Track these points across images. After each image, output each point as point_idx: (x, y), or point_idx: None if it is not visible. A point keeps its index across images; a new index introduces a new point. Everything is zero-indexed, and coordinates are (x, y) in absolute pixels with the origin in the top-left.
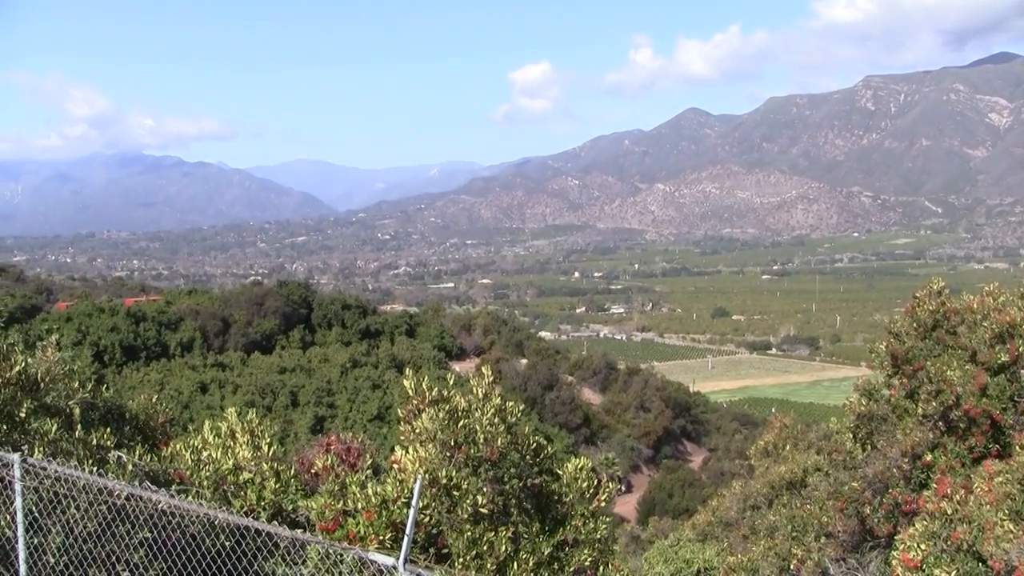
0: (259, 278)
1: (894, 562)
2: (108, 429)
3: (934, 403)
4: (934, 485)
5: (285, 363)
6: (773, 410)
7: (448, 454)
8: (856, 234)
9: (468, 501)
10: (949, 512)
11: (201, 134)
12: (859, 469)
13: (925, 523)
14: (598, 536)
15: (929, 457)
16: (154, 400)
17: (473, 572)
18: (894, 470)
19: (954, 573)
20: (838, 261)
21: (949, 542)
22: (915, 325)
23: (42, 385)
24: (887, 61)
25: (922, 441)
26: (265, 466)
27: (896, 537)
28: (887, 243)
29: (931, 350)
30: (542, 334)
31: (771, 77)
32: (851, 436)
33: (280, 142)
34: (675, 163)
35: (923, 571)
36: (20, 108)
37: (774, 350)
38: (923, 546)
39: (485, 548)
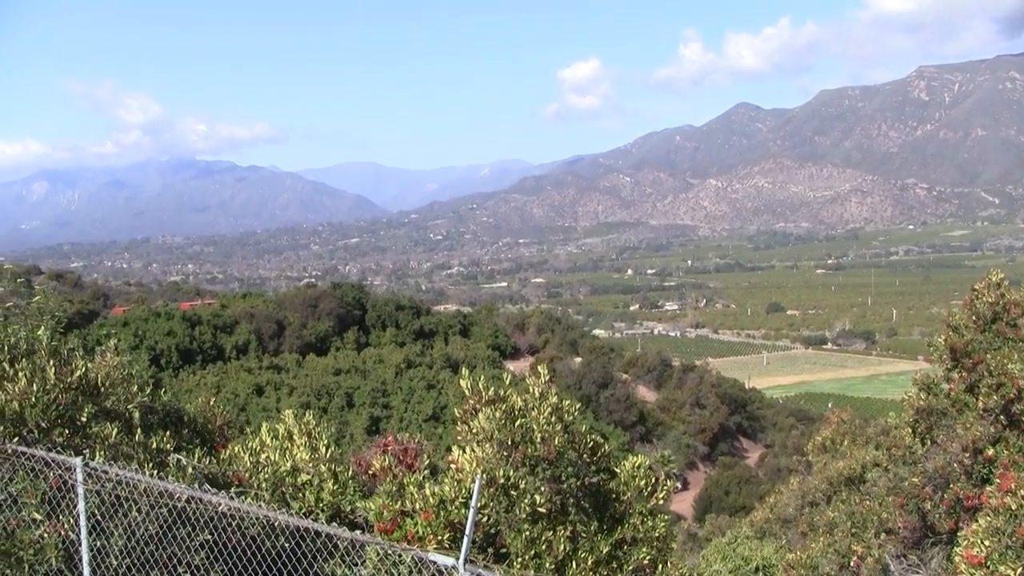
0: (313, 280)
1: (957, 559)
2: (167, 432)
3: (995, 396)
4: (997, 480)
5: (340, 364)
6: (830, 405)
7: (505, 454)
8: (911, 226)
9: (526, 500)
10: (1013, 508)
11: (253, 138)
12: (919, 464)
13: (988, 519)
14: (656, 534)
15: (991, 452)
16: (211, 403)
17: (532, 571)
18: (955, 465)
19: (1019, 570)
20: (893, 254)
21: (1014, 538)
22: (974, 318)
23: (102, 389)
24: (940, 51)
25: (983, 435)
26: (323, 468)
27: (958, 533)
28: (943, 235)
29: (991, 343)
30: (596, 332)
31: (822, 69)
32: (910, 431)
33: (332, 145)
34: (727, 158)
35: (987, 568)
36: (75, 116)
37: (830, 345)
38: (987, 542)
39: (544, 547)
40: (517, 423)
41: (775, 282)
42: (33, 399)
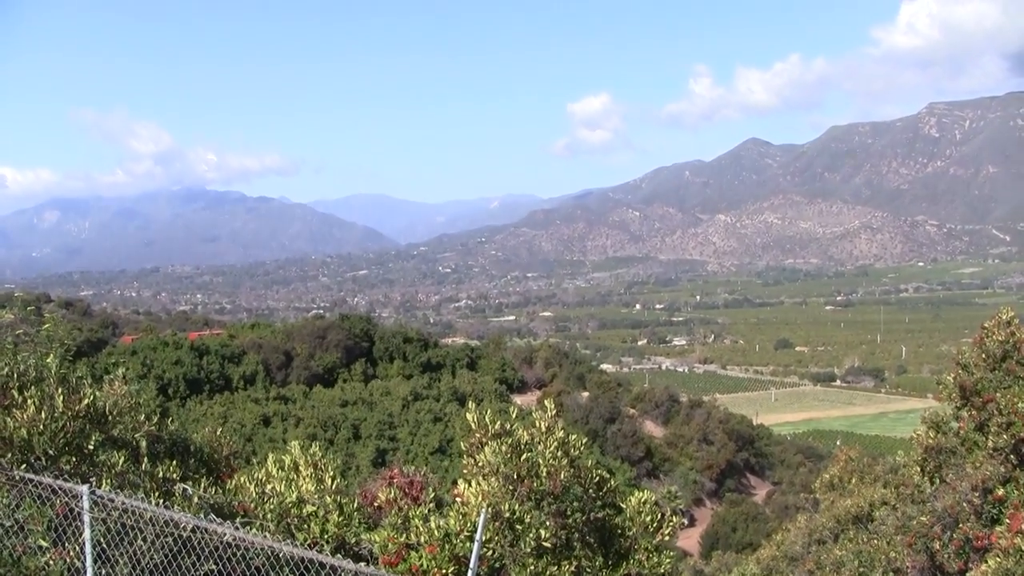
0: (321, 311)
1: None
2: (174, 462)
3: (1005, 436)
4: (1007, 520)
5: (347, 396)
6: (838, 443)
7: (511, 487)
8: (921, 263)
9: (531, 535)
10: (1023, 548)
11: (263, 169)
12: (928, 503)
13: (998, 560)
14: (662, 570)
15: (1001, 491)
16: (218, 433)
17: None
18: (964, 504)
19: None
20: (903, 291)
21: None
22: (984, 356)
23: (110, 418)
24: (951, 87)
25: (993, 475)
26: (328, 499)
27: (967, 574)
28: (953, 272)
29: (1001, 381)
30: (604, 366)
31: (832, 105)
32: (919, 469)
33: (341, 177)
34: (736, 194)
35: None
36: (87, 146)
37: (838, 382)
38: None
39: None
40: (523, 457)
41: (784, 318)
42: (41, 427)
